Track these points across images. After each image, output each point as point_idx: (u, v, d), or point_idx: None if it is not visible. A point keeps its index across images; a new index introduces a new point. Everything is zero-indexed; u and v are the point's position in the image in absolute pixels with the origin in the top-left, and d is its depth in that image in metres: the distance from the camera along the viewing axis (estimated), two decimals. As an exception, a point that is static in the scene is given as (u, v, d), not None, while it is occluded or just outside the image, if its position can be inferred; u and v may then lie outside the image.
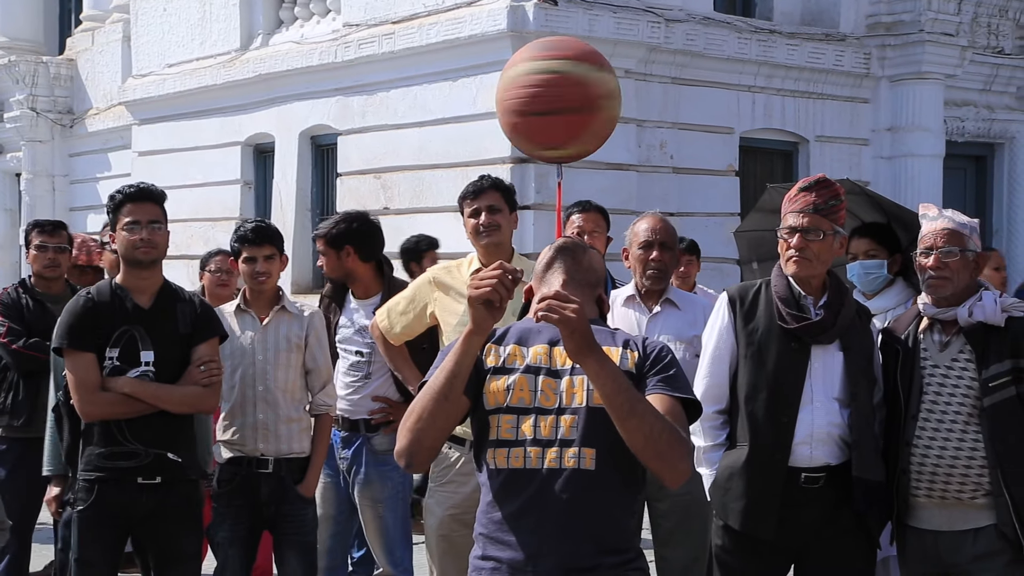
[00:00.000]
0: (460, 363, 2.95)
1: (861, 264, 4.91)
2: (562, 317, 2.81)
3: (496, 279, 2.88)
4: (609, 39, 9.75)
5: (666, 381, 3.03)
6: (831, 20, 11.80)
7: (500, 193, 5.01)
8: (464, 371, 2.96)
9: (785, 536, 4.00)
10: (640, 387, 3.01)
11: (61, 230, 6.27)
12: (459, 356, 2.95)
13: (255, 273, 5.07)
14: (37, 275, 6.19)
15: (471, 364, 2.97)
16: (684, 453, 2.92)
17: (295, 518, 5.04)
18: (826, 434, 3.99)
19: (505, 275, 2.88)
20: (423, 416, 2.97)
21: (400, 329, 5.21)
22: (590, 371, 2.86)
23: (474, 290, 2.89)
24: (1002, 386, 3.90)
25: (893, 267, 4.97)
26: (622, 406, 2.85)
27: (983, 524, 3.92)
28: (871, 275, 4.91)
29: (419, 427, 2.98)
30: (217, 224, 12.63)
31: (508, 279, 2.88)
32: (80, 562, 4.51)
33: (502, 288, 2.87)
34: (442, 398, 2.95)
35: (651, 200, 9.84)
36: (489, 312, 2.89)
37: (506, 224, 5.00)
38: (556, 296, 2.84)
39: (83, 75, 16.66)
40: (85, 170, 16.63)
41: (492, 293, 2.87)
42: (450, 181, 10.26)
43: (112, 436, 4.45)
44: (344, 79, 11.57)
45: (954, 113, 12.40)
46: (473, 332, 2.92)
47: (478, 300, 2.89)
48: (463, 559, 4.96)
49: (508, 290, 2.88)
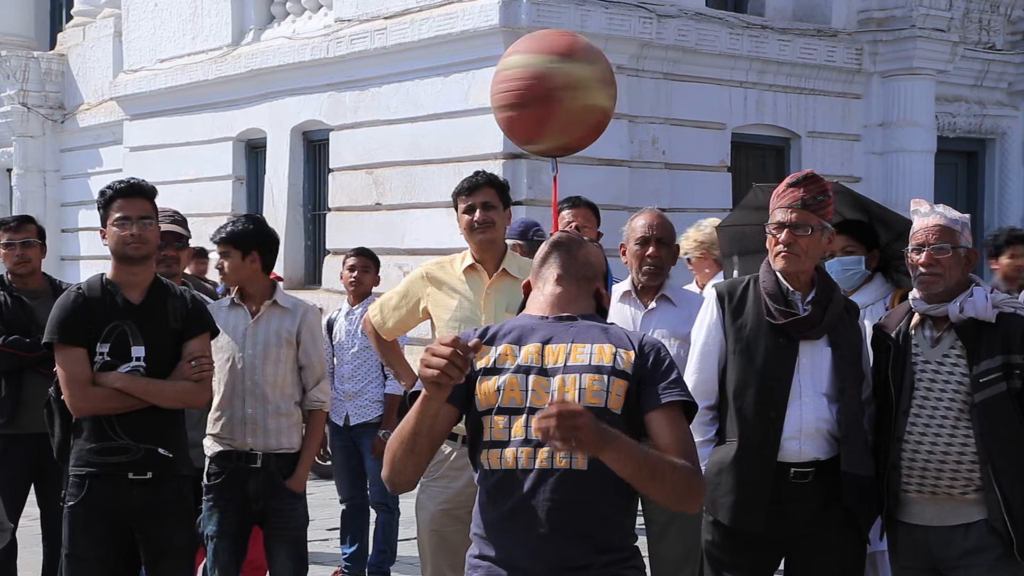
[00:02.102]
0: (420, 422, 2.93)
1: (839, 261, 4.91)
2: (576, 439, 2.71)
3: (446, 360, 2.77)
4: (601, 34, 9.75)
5: (669, 388, 3.04)
6: (823, 16, 11.81)
7: (495, 189, 5.01)
8: (426, 428, 2.94)
9: (775, 531, 4.00)
10: (639, 390, 3.02)
11: (27, 224, 6.12)
12: (418, 416, 2.92)
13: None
14: (11, 272, 6.12)
15: (432, 422, 2.94)
16: (699, 488, 2.98)
17: (285, 513, 5.04)
18: (815, 429, 4.00)
19: (456, 354, 2.77)
20: (397, 456, 3.01)
21: (393, 324, 5.21)
22: (609, 461, 2.83)
23: (424, 368, 2.79)
24: (993, 382, 3.90)
25: (871, 263, 4.98)
26: (644, 478, 2.87)
27: (974, 519, 3.92)
28: (849, 271, 4.92)
29: (397, 465, 3.03)
30: (209, 220, 12.59)
31: (460, 358, 2.77)
32: (71, 557, 4.50)
33: (452, 369, 2.77)
34: (409, 450, 2.98)
35: (643, 196, 9.86)
36: (440, 389, 2.83)
37: (500, 221, 5.01)
38: (559, 415, 2.70)
39: (74, 70, 16.63)
40: (76, 165, 16.61)
41: (441, 376, 2.77)
42: (442, 177, 10.26)
43: (103, 431, 4.44)
44: (336, 74, 11.56)
45: (945, 109, 12.43)
46: (428, 398, 2.87)
47: (427, 380, 2.81)
48: (456, 554, 4.99)
49: (460, 370, 2.78)
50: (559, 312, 3.17)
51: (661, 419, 3.01)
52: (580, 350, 3.06)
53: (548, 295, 3.21)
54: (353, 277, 7.11)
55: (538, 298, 3.24)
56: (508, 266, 5.02)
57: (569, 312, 3.17)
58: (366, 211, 11.34)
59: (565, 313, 3.16)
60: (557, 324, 3.13)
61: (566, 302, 3.19)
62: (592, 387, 3.01)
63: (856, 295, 4.88)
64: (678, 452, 2.96)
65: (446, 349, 2.76)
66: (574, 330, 3.11)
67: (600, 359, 3.04)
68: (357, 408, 6.96)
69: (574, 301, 3.20)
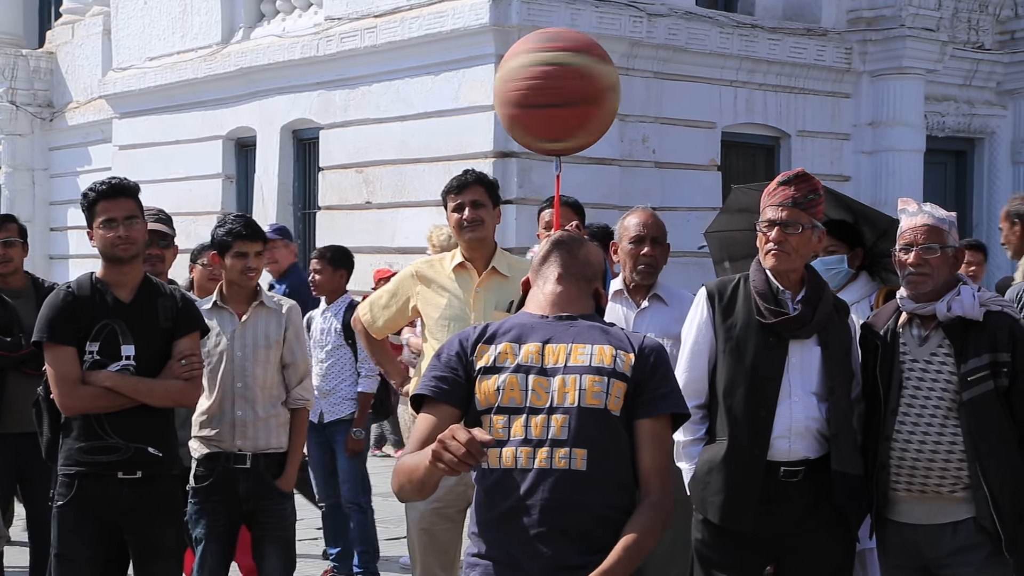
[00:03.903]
0: (430, 477, 2.92)
1: (822, 260, 4.90)
2: None
3: (459, 460, 2.76)
4: (591, 33, 9.64)
5: (665, 398, 3.08)
6: (812, 15, 11.83)
7: (484, 188, 5.01)
8: (434, 482, 2.94)
9: (764, 530, 4.00)
10: (636, 393, 3.04)
11: (8, 223, 6.06)
12: (428, 473, 2.89)
13: (246, 268, 5.03)
14: None
15: (440, 478, 2.93)
16: (667, 522, 3.09)
17: (274, 513, 5.04)
18: (804, 428, 4.00)
19: (469, 455, 2.75)
20: (406, 490, 3.05)
21: (382, 323, 5.21)
22: None
23: (440, 451, 2.77)
24: (980, 380, 3.91)
25: (854, 261, 5.00)
26: (632, 569, 2.99)
27: (962, 517, 3.93)
28: (832, 270, 4.92)
29: (406, 496, 3.09)
30: (199, 218, 12.59)
31: (472, 458, 2.76)
32: (60, 557, 4.49)
33: (463, 466, 2.77)
34: (418, 490, 3.01)
35: (633, 194, 9.86)
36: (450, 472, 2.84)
37: (489, 219, 5.00)
38: None
39: (63, 68, 16.59)
40: (65, 164, 16.56)
41: (449, 472, 2.79)
42: (432, 175, 10.25)
43: (92, 430, 4.43)
44: (326, 73, 11.55)
45: (934, 108, 12.46)
46: (433, 470, 2.85)
47: (438, 464, 2.80)
48: (445, 553, 5.00)
49: (469, 466, 2.79)
50: (559, 312, 3.18)
51: (648, 431, 3.05)
52: (581, 351, 3.07)
53: (548, 294, 3.21)
54: (311, 280, 7.18)
55: (538, 296, 3.24)
56: (498, 264, 5.02)
57: (569, 312, 3.18)
58: (356, 210, 11.33)
59: (565, 313, 3.17)
60: (557, 324, 3.14)
61: (566, 302, 3.20)
62: (592, 388, 3.02)
63: (841, 294, 4.89)
64: (656, 471, 3.04)
65: (461, 447, 2.75)
66: (574, 330, 3.12)
67: (601, 360, 3.05)
68: (331, 406, 6.97)
69: (574, 301, 3.21)
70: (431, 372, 3.14)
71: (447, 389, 3.09)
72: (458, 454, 2.74)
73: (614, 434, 3.03)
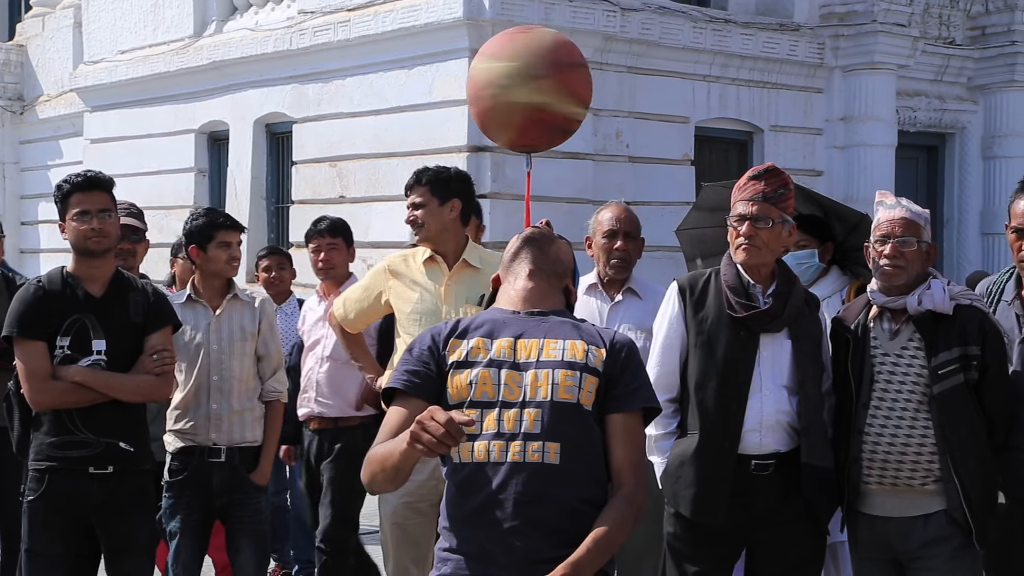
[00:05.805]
0: (404, 463, 2.94)
1: (793, 255, 4.93)
2: None
3: (438, 440, 2.77)
4: (565, 28, 9.74)
5: (636, 392, 3.09)
6: (785, 10, 11.87)
7: (427, 187, 5.03)
8: (408, 468, 2.96)
9: (735, 523, 4.02)
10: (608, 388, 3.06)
11: None
12: (402, 458, 2.91)
13: (231, 258, 5.05)
14: None
15: (414, 463, 2.95)
16: (639, 514, 3.09)
17: (248, 506, 5.03)
18: (775, 421, 4.02)
19: (448, 435, 2.76)
20: (378, 480, 3.04)
21: (355, 317, 5.23)
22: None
23: (419, 432, 2.79)
24: (951, 373, 3.94)
25: (825, 255, 5.02)
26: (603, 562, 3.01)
27: (933, 510, 3.96)
28: (803, 265, 4.94)
29: (377, 486, 3.09)
30: (171, 212, 12.52)
31: (451, 438, 2.77)
32: (30, 553, 4.47)
33: (442, 447, 2.79)
34: (391, 480, 3.01)
35: (607, 189, 9.87)
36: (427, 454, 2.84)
37: (433, 218, 4.98)
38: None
39: (34, 61, 16.46)
40: (36, 157, 16.44)
41: (427, 453, 2.80)
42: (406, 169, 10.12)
43: (63, 425, 4.41)
44: (299, 67, 11.51)
45: (906, 103, 12.51)
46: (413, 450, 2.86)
47: (416, 445, 2.81)
48: (418, 548, 5.00)
49: (448, 446, 2.80)
50: (530, 307, 3.19)
51: (620, 426, 3.07)
52: (552, 346, 3.08)
53: (520, 290, 3.23)
54: (270, 277, 6.96)
55: (509, 292, 3.25)
56: (469, 256, 5.02)
57: (540, 308, 3.19)
58: (330, 204, 11.29)
59: (536, 308, 3.19)
60: (529, 319, 3.15)
61: (537, 298, 3.21)
62: (565, 383, 3.03)
63: (813, 288, 4.91)
64: (628, 465, 3.05)
65: (439, 427, 2.76)
66: (546, 326, 3.13)
67: (573, 355, 3.06)
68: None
69: (545, 297, 3.22)
70: (403, 366, 3.14)
71: (419, 383, 3.09)
72: (437, 434, 2.75)
73: (587, 428, 3.05)
